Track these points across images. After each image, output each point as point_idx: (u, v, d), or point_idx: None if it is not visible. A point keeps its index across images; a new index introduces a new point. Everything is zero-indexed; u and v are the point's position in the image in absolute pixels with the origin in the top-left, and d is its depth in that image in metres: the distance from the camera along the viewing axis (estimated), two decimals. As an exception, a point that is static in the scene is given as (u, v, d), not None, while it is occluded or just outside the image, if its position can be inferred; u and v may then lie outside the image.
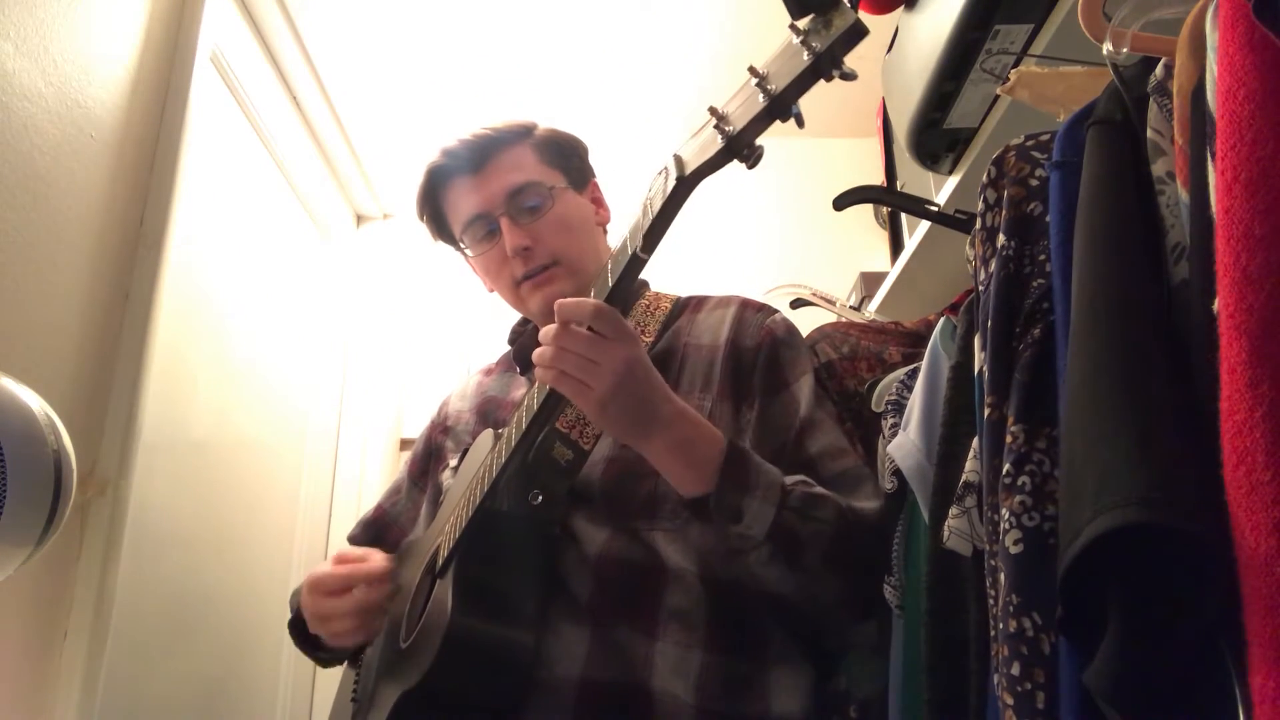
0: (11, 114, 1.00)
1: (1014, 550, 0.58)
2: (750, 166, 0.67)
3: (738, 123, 0.65)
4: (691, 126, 0.73)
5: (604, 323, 0.79)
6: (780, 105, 0.63)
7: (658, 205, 0.73)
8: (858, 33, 0.59)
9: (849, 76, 0.61)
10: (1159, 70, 0.60)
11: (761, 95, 0.63)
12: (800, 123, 0.65)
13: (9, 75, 0.99)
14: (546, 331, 0.81)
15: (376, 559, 1.00)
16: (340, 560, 1.02)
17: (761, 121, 0.64)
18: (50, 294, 1.07)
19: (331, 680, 1.22)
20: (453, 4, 1.97)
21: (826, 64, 0.60)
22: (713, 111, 0.68)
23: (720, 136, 0.66)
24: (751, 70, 0.65)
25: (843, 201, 1.17)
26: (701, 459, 0.85)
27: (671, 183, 0.71)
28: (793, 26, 0.62)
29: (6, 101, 0.99)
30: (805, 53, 0.61)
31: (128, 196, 1.23)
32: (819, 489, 0.90)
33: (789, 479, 0.88)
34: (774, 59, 0.65)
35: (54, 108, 1.07)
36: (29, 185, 1.02)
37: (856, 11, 0.59)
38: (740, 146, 0.66)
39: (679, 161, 0.71)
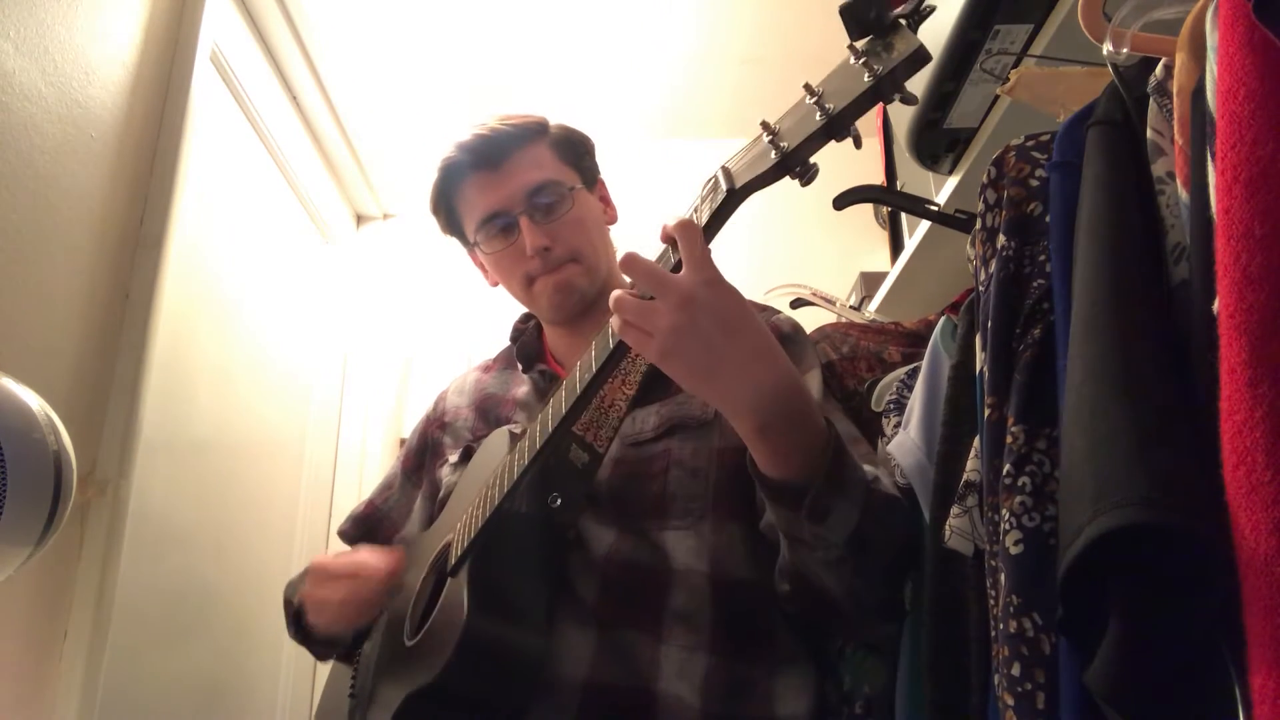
0: (11, 114, 1.00)
1: (1014, 551, 0.58)
2: (804, 184, 0.67)
3: (792, 139, 0.65)
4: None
5: (684, 242, 0.71)
6: (839, 125, 0.63)
7: (705, 216, 0.72)
8: (920, 59, 0.59)
9: (910, 100, 0.61)
10: (1159, 70, 0.60)
11: (819, 114, 0.63)
12: (858, 143, 0.64)
13: (9, 75, 0.99)
14: (620, 262, 0.73)
15: (387, 559, 0.98)
16: (352, 555, 1.01)
17: (818, 140, 0.64)
18: (50, 294, 1.07)
19: (326, 664, 1.21)
20: (453, 4, 1.97)
21: (888, 87, 0.60)
22: (765, 126, 0.68)
23: (774, 152, 0.66)
24: (807, 88, 0.65)
25: (843, 201, 1.17)
26: (801, 448, 0.75)
27: (721, 195, 0.70)
28: (851, 46, 0.62)
29: (6, 101, 0.99)
30: (866, 74, 0.60)
31: (128, 196, 1.23)
32: (890, 486, 0.85)
33: (868, 470, 0.82)
34: (831, 78, 0.64)
35: (54, 108, 1.07)
36: (29, 185, 1.02)
37: (918, 35, 0.59)
38: (794, 163, 0.66)
39: (728, 174, 0.71)
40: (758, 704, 0.87)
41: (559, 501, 0.93)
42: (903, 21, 0.60)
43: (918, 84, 1.01)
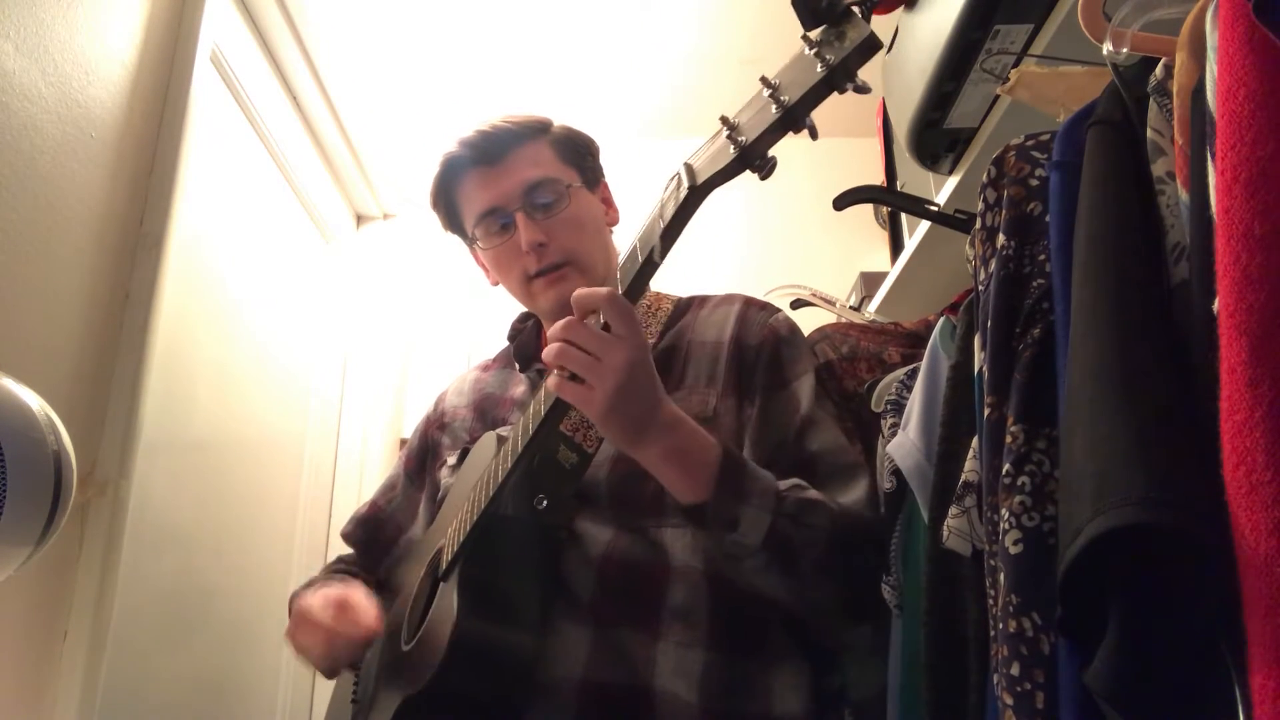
0: (11, 114, 1.00)
1: (1014, 550, 0.58)
2: (763, 177, 0.67)
3: (750, 133, 0.66)
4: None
5: (614, 313, 0.78)
6: (793, 117, 0.63)
7: (670, 213, 0.72)
8: (871, 46, 0.59)
9: (863, 89, 0.62)
10: (1159, 70, 0.60)
11: (775, 106, 0.63)
12: (814, 134, 0.65)
13: (9, 75, 0.99)
14: (556, 328, 0.80)
15: (369, 618, 0.99)
16: (338, 605, 1.00)
17: (774, 133, 0.65)
18: (50, 294, 1.07)
19: (331, 680, 1.22)
20: (453, 3, 1.97)
21: (840, 76, 0.61)
22: (724, 121, 0.68)
23: (733, 147, 0.66)
24: (764, 80, 0.65)
25: (843, 201, 1.17)
26: (697, 466, 0.84)
27: (684, 192, 0.71)
28: (805, 37, 0.63)
29: (6, 101, 0.99)
30: (819, 65, 0.61)
31: (128, 196, 1.23)
32: (812, 494, 0.90)
33: (783, 484, 0.88)
34: (786, 69, 0.65)
35: (54, 108, 1.07)
36: (29, 185, 1.02)
37: (870, 23, 0.59)
38: (753, 157, 0.66)
39: (690, 170, 0.71)
40: (755, 700, 0.87)
41: (545, 503, 0.93)
42: (855, 10, 0.61)
43: (918, 83, 1.01)
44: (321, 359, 2.11)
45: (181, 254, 1.33)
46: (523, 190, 1.06)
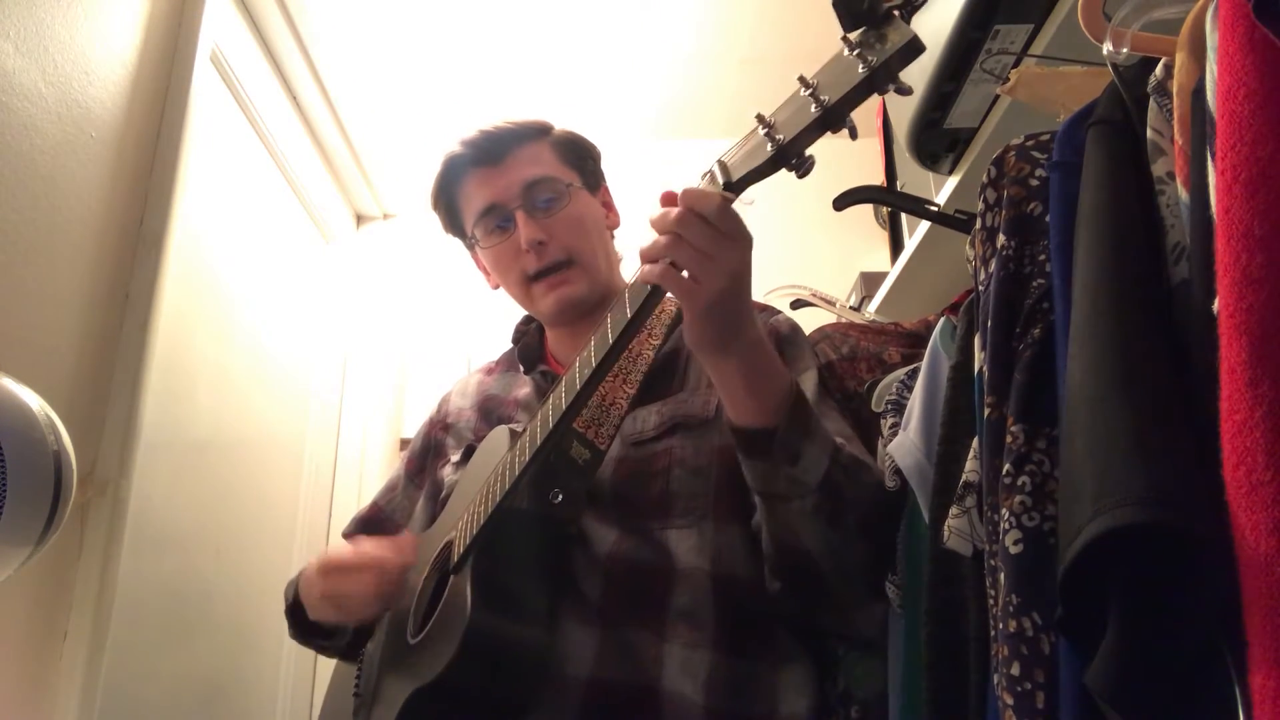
0: (11, 114, 1.00)
1: (1014, 550, 0.58)
2: (801, 176, 0.68)
3: (788, 132, 0.66)
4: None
5: (727, 220, 0.74)
6: (834, 116, 0.64)
7: None
8: (914, 49, 0.59)
9: (905, 91, 0.62)
10: (1159, 70, 0.60)
11: (814, 105, 0.64)
12: (854, 134, 0.65)
13: (9, 75, 0.99)
14: (662, 218, 0.74)
15: (397, 546, 1.01)
16: (357, 549, 1.02)
17: (814, 131, 0.65)
18: (50, 294, 1.07)
19: (334, 660, 1.21)
20: (453, 4, 1.97)
21: (882, 78, 0.61)
22: (760, 119, 0.68)
23: (770, 144, 0.67)
24: (801, 80, 0.66)
25: (843, 201, 1.16)
26: (771, 392, 0.83)
27: (718, 189, 0.71)
28: (845, 38, 0.63)
29: (6, 101, 0.99)
30: (860, 65, 0.61)
31: (128, 196, 1.23)
32: (862, 454, 0.90)
33: (837, 438, 0.88)
34: (825, 70, 0.65)
35: (54, 108, 1.07)
36: (29, 185, 1.02)
37: (911, 26, 0.60)
38: (790, 155, 0.66)
39: (724, 168, 0.71)
40: (760, 701, 0.87)
41: (560, 498, 0.93)
42: (896, 13, 0.61)
43: (918, 83, 1.01)
44: (321, 359, 2.11)
45: (181, 254, 1.33)
46: (523, 188, 1.06)
